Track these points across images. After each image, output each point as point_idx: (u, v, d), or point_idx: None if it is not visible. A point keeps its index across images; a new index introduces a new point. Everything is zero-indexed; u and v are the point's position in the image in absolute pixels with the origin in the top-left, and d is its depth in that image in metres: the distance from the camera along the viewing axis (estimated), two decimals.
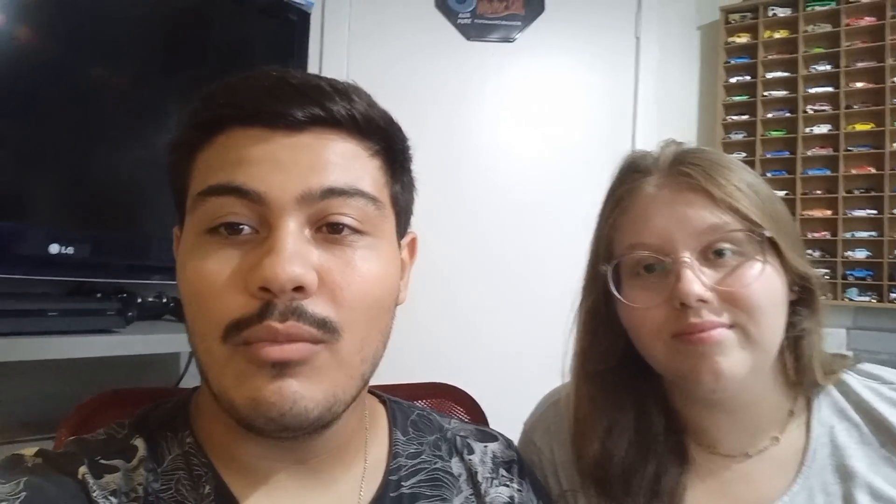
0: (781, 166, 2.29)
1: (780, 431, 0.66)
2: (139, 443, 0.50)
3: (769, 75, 2.31)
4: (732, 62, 2.35)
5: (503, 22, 2.02)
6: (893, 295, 2.08)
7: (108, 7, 1.22)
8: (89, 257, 1.16)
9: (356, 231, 0.47)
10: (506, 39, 2.03)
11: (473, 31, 2.01)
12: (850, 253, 2.17)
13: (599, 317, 0.68)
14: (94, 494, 0.45)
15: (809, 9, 2.25)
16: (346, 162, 0.48)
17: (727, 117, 2.35)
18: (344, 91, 0.49)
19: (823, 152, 2.22)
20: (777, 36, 2.30)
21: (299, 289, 0.43)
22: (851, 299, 2.14)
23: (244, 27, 1.46)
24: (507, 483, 0.62)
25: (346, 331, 0.46)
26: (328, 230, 0.46)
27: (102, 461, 0.48)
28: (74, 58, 1.17)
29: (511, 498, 0.61)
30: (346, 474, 0.54)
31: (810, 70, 2.25)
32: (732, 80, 2.34)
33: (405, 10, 1.99)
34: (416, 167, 0.57)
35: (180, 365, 1.35)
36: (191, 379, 1.20)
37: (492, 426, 0.73)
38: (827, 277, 2.15)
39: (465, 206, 1.96)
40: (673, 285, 0.60)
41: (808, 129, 2.24)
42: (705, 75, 2.38)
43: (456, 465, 0.60)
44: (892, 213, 2.10)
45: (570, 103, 2.07)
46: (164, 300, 1.31)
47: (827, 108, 2.23)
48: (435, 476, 0.58)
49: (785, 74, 2.29)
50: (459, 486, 0.59)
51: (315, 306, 0.44)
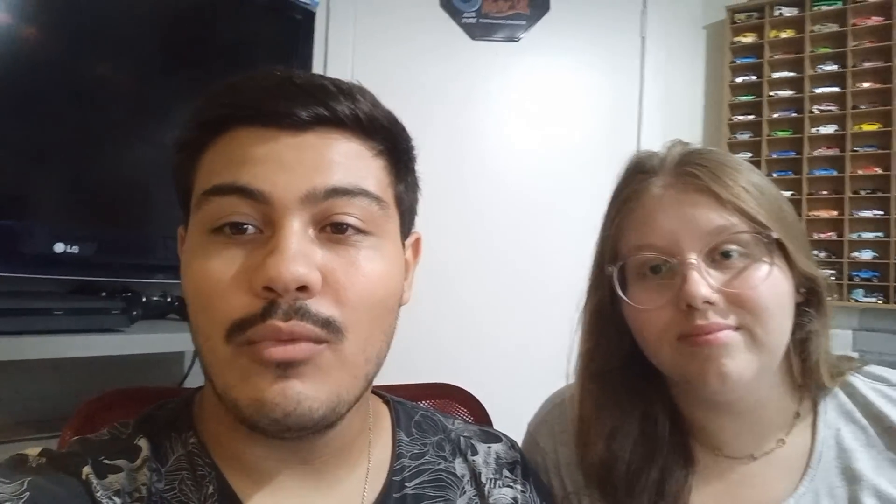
0: (787, 166, 2.27)
1: (785, 434, 0.66)
2: (143, 443, 0.50)
3: (775, 75, 2.29)
4: (738, 62, 2.34)
5: (508, 21, 2.02)
6: None
7: (113, 6, 1.22)
8: (94, 256, 1.16)
9: (360, 231, 0.47)
10: (511, 39, 2.02)
11: (478, 30, 2.01)
12: (856, 254, 2.15)
13: (604, 318, 0.68)
14: (98, 494, 0.45)
15: (816, 8, 2.23)
16: (350, 162, 0.48)
17: (733, 117, 2.34)
18: (348, 91, 0.49)
19: (830, 153, 2.21)
20: (783, 36, 2.29)
21: (303, 288, 0.43)
22: (858, 300, 2.12)
23: (248, 26, 1.46)
24: (511, 484, 0.62)
25: (349, 331, 0.46)
26: (332, 230, 0.46)
27: (106, 461, 0.48)
28: (79, 57, 1.17)
29: (515, 499, 0.61)
30: (349, 475, 0.54)
31: (817, 70, 2.23)
32: (738, 80, 2.33)
33: (410, 9, 1.98)
34: (421, 167, 0.57)
35: (184, 364, 1.36)
36: (195, 378, 1.20)
37: (496, 427, 0.72)
38: (833, 278, 2.13)
39: (470, 206, 1.96)
40: (679, 287, 0.59)
41: (814, 130, 2.23)
42: (711, 75, 2.37)
43: (459, 466, 0.60)
44: None
45: (575, 103, 2.06)
46: (169, 299, 1.31)
47: (833, 108, 2.21)
48: (438, 477, 0.58)
49: (791, 74, 2.27)
50: (463, 487, 0.58)
51: (319, 306, 0.44)
